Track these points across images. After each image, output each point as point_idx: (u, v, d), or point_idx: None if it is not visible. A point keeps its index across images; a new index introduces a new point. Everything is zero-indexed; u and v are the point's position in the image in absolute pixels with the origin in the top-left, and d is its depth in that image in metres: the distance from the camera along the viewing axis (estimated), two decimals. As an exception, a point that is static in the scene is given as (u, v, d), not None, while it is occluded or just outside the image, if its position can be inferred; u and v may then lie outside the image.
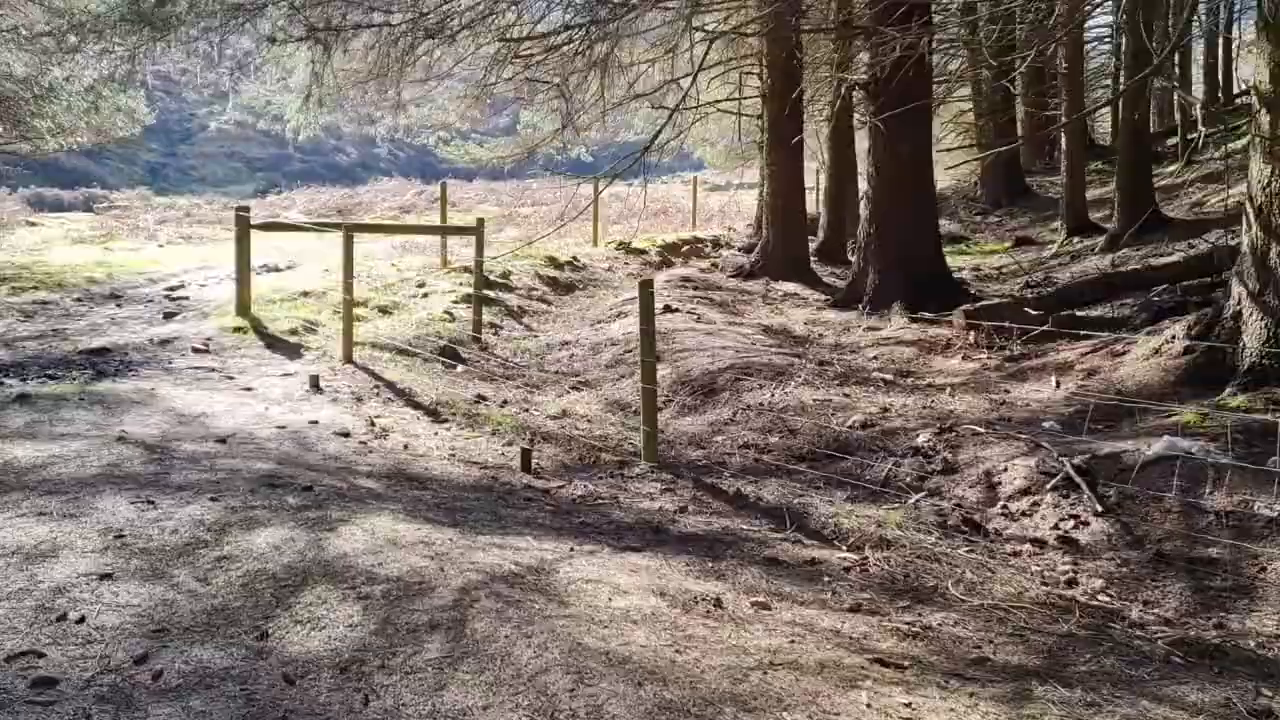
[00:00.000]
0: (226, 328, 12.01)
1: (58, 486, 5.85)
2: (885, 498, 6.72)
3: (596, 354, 11.79)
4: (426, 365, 11.01)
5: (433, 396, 9.51)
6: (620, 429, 8.85)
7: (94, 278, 15.24)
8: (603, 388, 10.46)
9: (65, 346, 10.86)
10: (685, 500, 6.67)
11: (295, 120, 17.83)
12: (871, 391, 9.16)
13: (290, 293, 14.29)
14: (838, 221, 20.19)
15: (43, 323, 12.25)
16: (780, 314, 14.20)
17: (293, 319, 12.56)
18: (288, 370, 10.23)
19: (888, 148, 12.81)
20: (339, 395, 9.16)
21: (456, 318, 13.60)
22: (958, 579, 5.11)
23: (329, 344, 11.44)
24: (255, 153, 65.69)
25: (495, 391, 10.22)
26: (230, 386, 9.43)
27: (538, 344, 12.93)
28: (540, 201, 37.04)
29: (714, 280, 16.83)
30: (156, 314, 13.08)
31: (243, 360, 10.72)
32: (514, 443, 8.11)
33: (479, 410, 9.25)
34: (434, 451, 7.60)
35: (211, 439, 7.38)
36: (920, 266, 13.03)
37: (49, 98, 15.54)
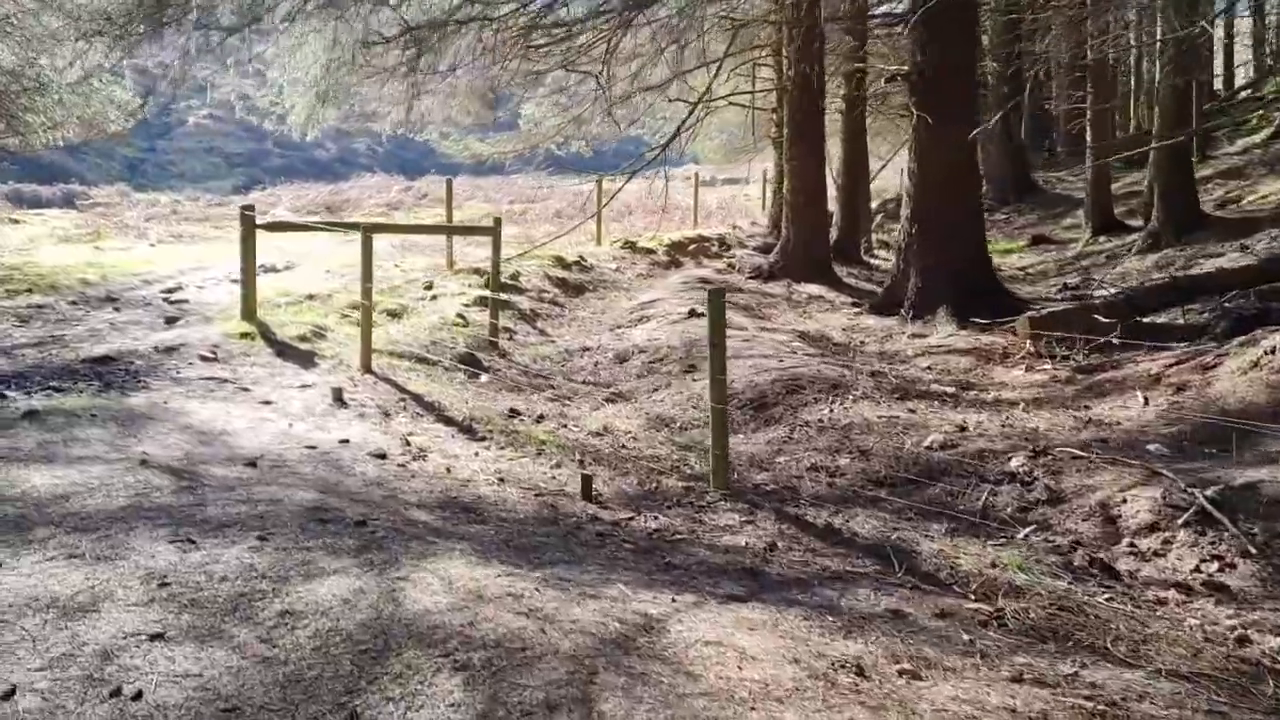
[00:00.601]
0: (233, 334, 11.37)
1: (86, 522, 5.25)
2: (988, 531, 6.17)
3: (623, 362, 11.21)
4: (448, 374, 10.40)
5: (464, 411, 8.92)
6: (672, 449, 8.28)
7: (88, 279, 14.55)
8: (638, 400, 9.88)
9: (67, 355, 10.21)
10: (770, 535, 6.11)
11: (299, 117, 17.15)
12: (937, 407, 8.63)
13: (295, 296, 13.65)
14: (852, 219, 19.67)
15: (40, 328, 11.58)
16: (811, 319, 13.66)
17: (301, 324, 11.93)
18: (305, 381, 9.61)
19: (931, 143, 12.24)
20: (365, 410, 8.56)
21: (470, 322, 13.00)
22: (1113, 635, 4.57)
23: (343, 351, 10.83)
24: (233, 148, 64.74)
25: (526, 404, 9.63)
26: (247, 399, 8.82)
27: (556, 350, 12.35)
28: (529, 198, 36.42)
29: (733, 282, 16.27)
30: (157, 318, 12.43)
31: (254, 370, 10.10)
32: (562, 464, 7.52)
33: (516, 426, 8.66)
34: (479, 475, 7.01)
35: (239, 461, 6.77)
36: (966, 269, 12.50)
37: (40, 91, 14.80)
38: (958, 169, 12.50)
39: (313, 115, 17.25)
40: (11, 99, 14.28)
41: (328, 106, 16.71)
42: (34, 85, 14.73)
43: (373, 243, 10.03)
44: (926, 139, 12.24)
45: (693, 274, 16.82)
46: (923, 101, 11.73)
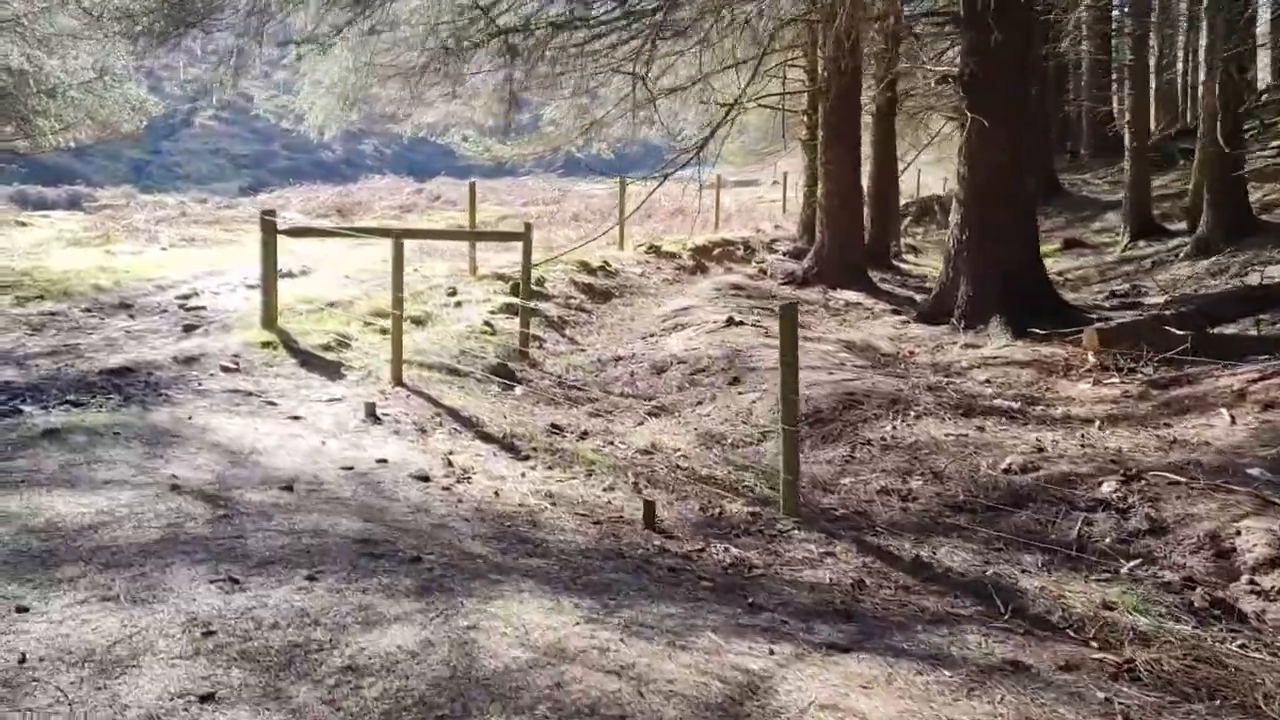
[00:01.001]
0: (253, 343, 10.96)
1: (118, 557, 4.83)
2: (1088, 565, 5.74)
3: (661, 373, 10.78)
4: (481, 386, 9.99)
5: (503, 427, 8.50)
6: (727, 468, 7.84)
7: (100, 285, 14.16)
8: (682, 414, 9.45)
9: (82, 365, 9.80)
10: (854, 569, 5.68)
11: (318, 118, 16.73)
12: (1005, 424, 8.19)
13: (315, 303, 13.23)
14: (883, 223, 19.22)
15: (53, 337, 11.18)
16: (853, 328, 13.23)
17: (323, 333, 11.52)
18: (333, 394, 9.20)
19: (982, 145, 11.79)
20: (400, 426, 8.14)
21: (498, 330, 12.59)
22: (1263, 692, 4.13)
23: (370, 362, 10.42)
24: (240, 149, 64.42)
25: (566, 418, 9.21)
26: (274, 414, 8.40)
27: (588, 360, 11.92)
28: (542, 201, 36.03)
29: (766, 288, 15.84)
30: (174, 326, 12.02)
31: (279, 381, 9.69)
32: (615, 486, 7.10)
33: (560, 444, 8.24)
34: (530, 499, 6.58)
35: (274, 484, 6.35)
36: (1019, 276, 12.05)
37: (50, 93, 14.39)
38: (1009, 172, 12.06)
39: (331, 116, 16.81)
40: (22, 101, 13.86)
41: (348, 108, 16.26)
42: (45, 87, 14.30)
43: (403, 250, 9.60)
44: (977, 142, 11.79)
45: (723, 279, 16.39)
46: (975, 103, 11.27)
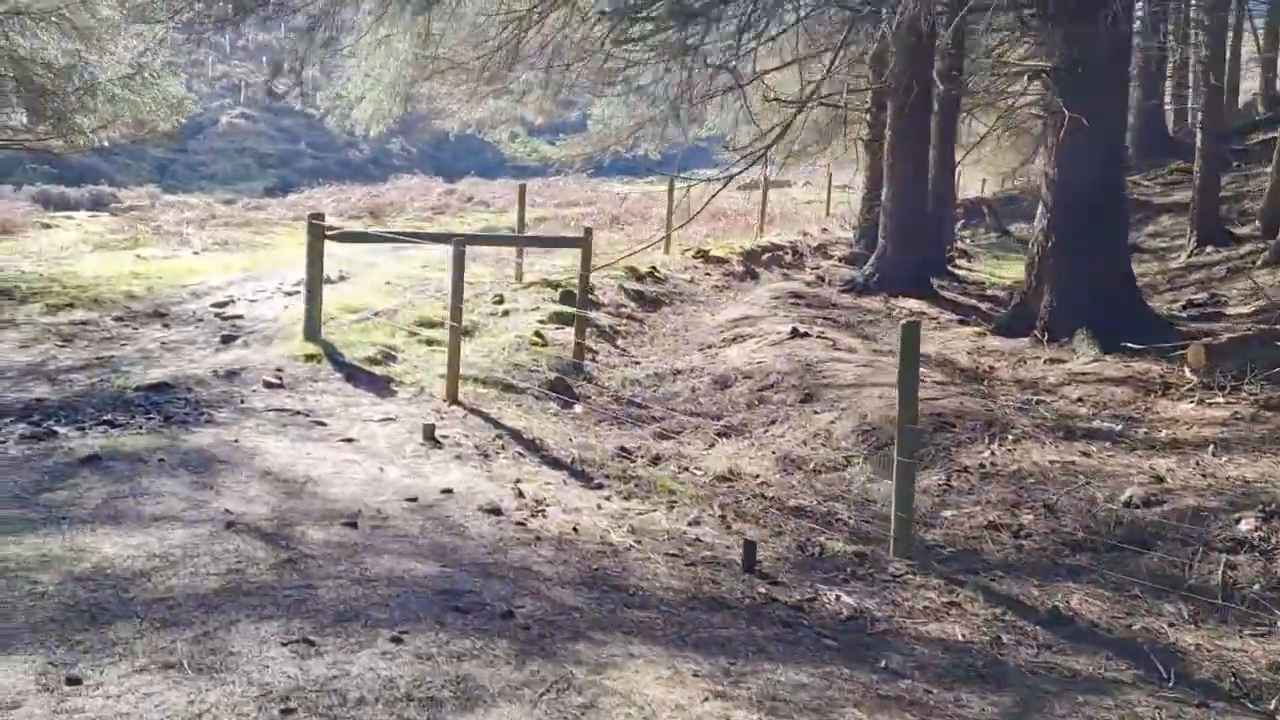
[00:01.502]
0: (296, 355, 10.54)
1: (176, 612, 4.38)
2: (1238, 617, 5.24)
3: (725, 389, 10.29)
4: (540, 404, 9.52)
5: (569, 450, 8.03)
6: (815, 497, 7.34)
7: (132, 292, 13.78)
8: (754, 434, 8.96)
9: (118, 381, 9.39)
10: (985, 622, 5.17)
11: (365, 113, 16.30)
12: (1111, 449, 7.68)
13: (357, 311, 12.80)
14: (939, 228, 18.63)
15: (85, 348, 10.79)
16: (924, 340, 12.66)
17: (369, 344, 11.09)
18: (385, 412, 8.75)
19: (1075, 145, 11.19)
20: (461, 450, 7.68)
21: (549, 341, 12.12)
22: None
23: (421, 377, 9.98)
24: (265, 148, 64.16)
25: (633, 440, 8.74)
26: (325, 436, 7.96)
27: (645, 373, 11.44)
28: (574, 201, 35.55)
29: (825, 296, 15.30)
30: (211, 337, 11.62)
31: (325, 398, 9.25)
32: (700, 520, 6.61)
33: (632, 469, 7.77)
34: (612, 536, 6.10)
35: (336, 519, 5.90)
36: (1108, 287, 11.46)
37: (90, 90, 13.96)
38: (1104, 174, 11.48)
39: (380, 111, 16.38)
40: (60, 97, 13.42)
41: (399, 103, 15.82)
42: (86, 84, 13.85)
43: (465, 256, 9.14)
44: (1070, 141, 11.19)
45: (780, 287, 15.86)
46: (1071, 98, 10.67)
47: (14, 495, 6.02)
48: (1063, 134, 10.85)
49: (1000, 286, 18.00)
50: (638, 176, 56.18)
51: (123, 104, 14.81)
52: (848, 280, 16.61)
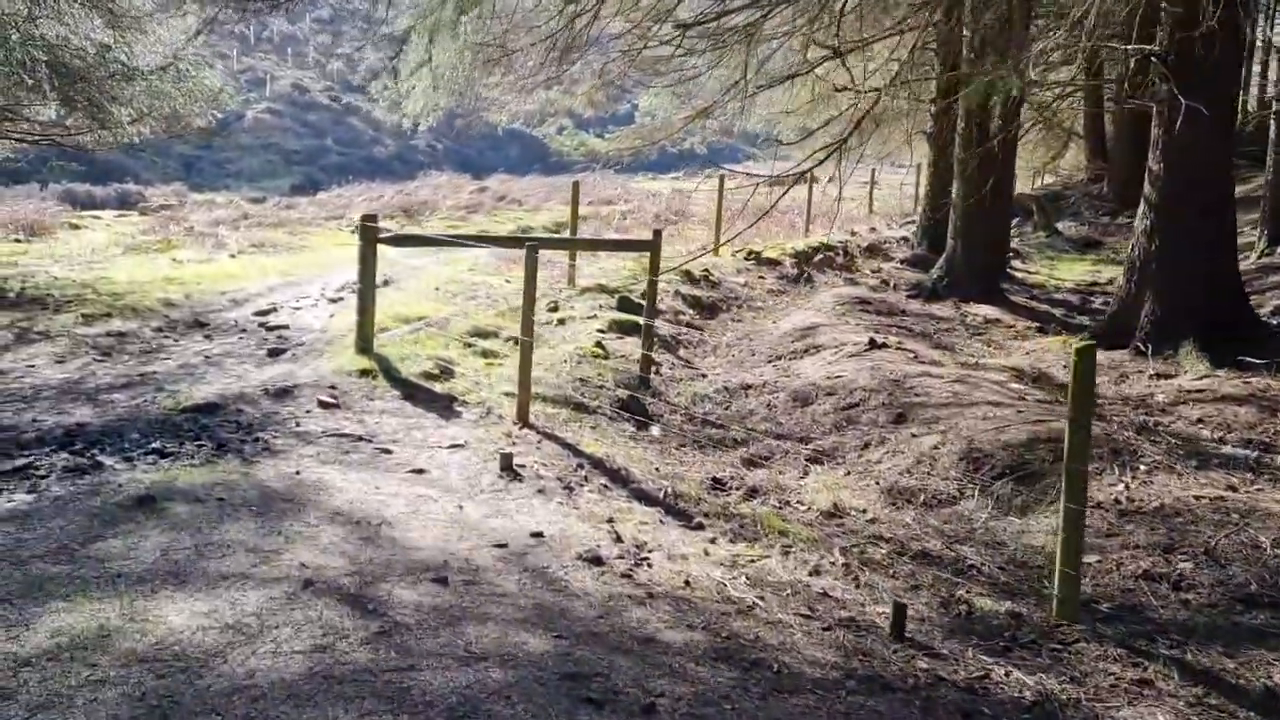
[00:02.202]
0: (349, 371, 9.89)
1: (261, 708, 3.70)
2: None
3: (805, 406, 9.58)
4: (614, 426, 8.84)
5: (657, 481, 7.35)
6: (937, 538, 6.63)
7: (170, 299, 13.16)
8: (848, 459, 8.26)
9: (163, 400, 8.75)
10: (1188, 705, 4.48)
11: (415, 105, 15.62)
12: (1256, 481, 6.91)
13: (407, 320, 12.14)
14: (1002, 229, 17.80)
15: (124, 363, 10.17)
16: (1000, 348, 11.94)
17: (423, 358, 10.44)
18: (452, 437, 8.09)
19: (1183, 138, 10.37)
20: (543, 483, 7.00)
21: (610, 353, 11.44)
22: None
23: (484, 395, 9.33)
24: (292, 144, 63.65)
25: (720, 466, 8.05)
26: (391, 466, 7.30)
27: (714, 388, 10.74)
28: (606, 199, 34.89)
29: (893, 302, 14.56)
30: (256, 349, 10.98)
31: (385, 420, 8.59)
32: (821, 567, 5.91)
33: (730, 504, 7.08)
34: (731, 589, 5.42)
35: (422, 574, 5.23)
36: (1217, 293, 10.66)
37: (128, 77, 13.20)
38: (1216, 170, 10.67)
39: (430, 102, 15.70)
40: (97, 85, 12.69)
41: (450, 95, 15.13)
42: (123, 70, 13.11)
43: (537, 262, 8.45)
44: (1182, 133, 10.35)
45: (844, 292, 15.11)
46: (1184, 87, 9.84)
47: (61, 546, 5.37)
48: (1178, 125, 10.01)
49: (1065, 289, 17.21)
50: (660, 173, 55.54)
51: (160, 95, 14.07)
52: (914, 284, 15.83)
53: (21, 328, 11.11)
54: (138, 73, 13.05)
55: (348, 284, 15.08)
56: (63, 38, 12.41)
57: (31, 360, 10.08)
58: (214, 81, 16.41)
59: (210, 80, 16.08)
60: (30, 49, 11.15)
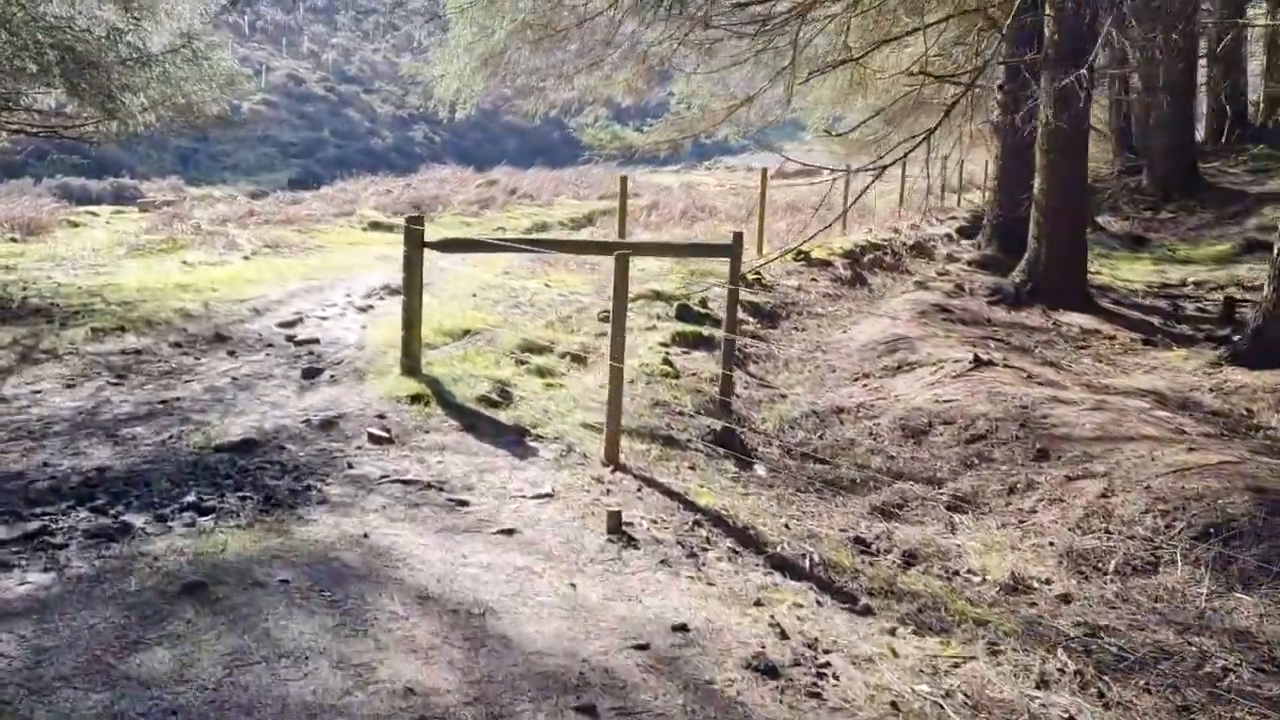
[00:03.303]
0: (398, 396, 8.66)
1: None
2: None
3: (917, 437, 8.38)
4: (713, 465, 7.64)
5: (792, 543, 6.15)
6: (1167, 628, 5.40)
7: (186, 309, 11.87)
8: (991, 505, 7.05)
9: (192, 436, 7.52)
10: None
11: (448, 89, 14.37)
12: None
13: (448, 333, 10.89)
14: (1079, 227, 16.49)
15: (143, 387, 8.92)
16: (1111, 364, 10.73)
17: (478, 379, 9.22)
18: (535, 483, 6.88)
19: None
20: (662, 549, 5.80)
21: (680, 370, 10.23)
22: None
23: (559, 427, 8.11)
24: (288, 136, 62.19)
25: (853, 519, 6.80)
26: (474, 524, 6.09)
27: (800, 412, 9.56)
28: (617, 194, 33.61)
29: (974, 309, 13.33)
30: (289, 369, 9.74)
31: (449, 457, 7.38)
32: (1048, 679, 4.73)
33: (890, 576, 5.82)
34: (948, 716, 4.15)
35: (561, 699, 4.07)
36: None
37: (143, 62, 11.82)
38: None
39: (465, 86, 14.46)
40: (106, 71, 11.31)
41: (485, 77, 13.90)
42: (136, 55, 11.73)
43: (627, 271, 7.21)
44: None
45: (917, 298, 13.87)
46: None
47: (93, 658, 4.17)
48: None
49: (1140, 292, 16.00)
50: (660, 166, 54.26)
51: (174, 81, 12.69)
52: (993, 289, 14.54)
53: (26, 345, 9.85)
54: (151, 57, 11.65)
55: (374, 289, 13.86)
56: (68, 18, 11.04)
57: (38, 385, 8.83)
58: (227, 64, 15.04)
59: (225, 63, 14.72)
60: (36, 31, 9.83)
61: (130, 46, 11.82)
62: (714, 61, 15.34)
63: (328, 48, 76.57)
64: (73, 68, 10.53)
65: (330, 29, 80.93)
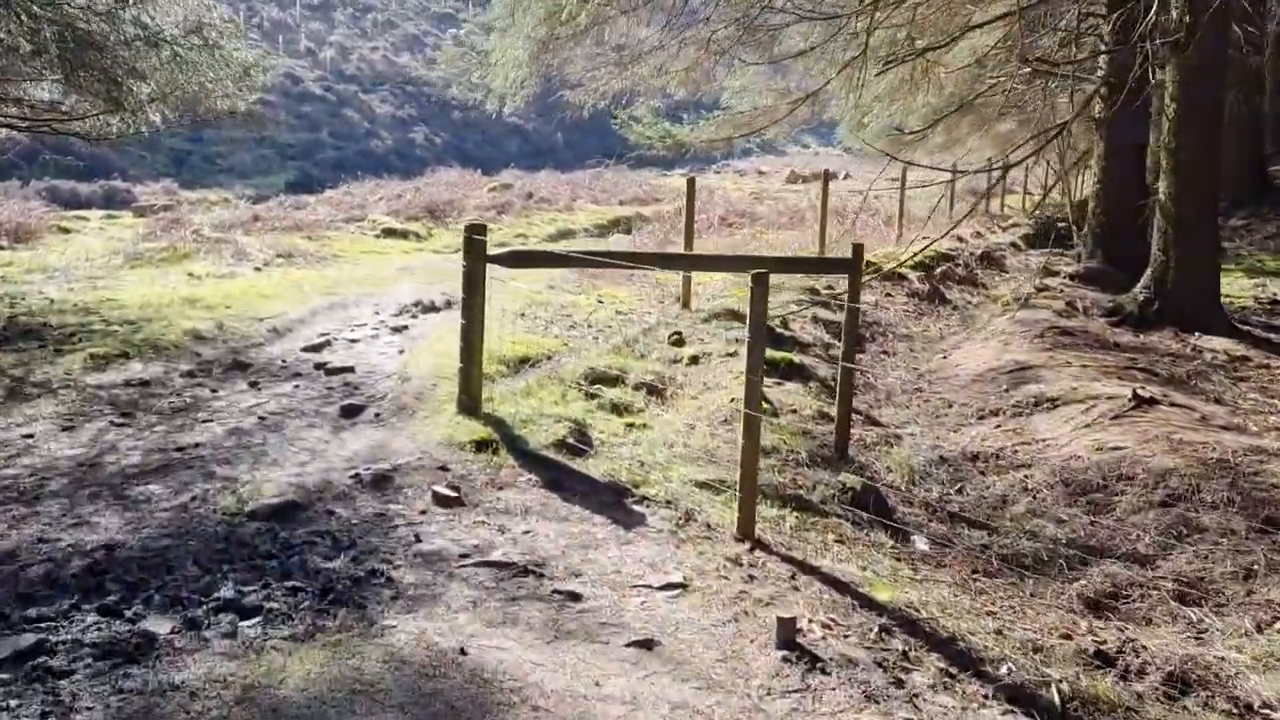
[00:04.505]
0: (459, 441, 7.32)
1: None
2: None
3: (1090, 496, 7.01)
4: (862, 534, 6.24)
5: (1015, 657, 4.71)
6: None
7: (198, 330, 10.52)
8: (1227, 595, 5.66)
9: (219, 497, 6.17)
10: None
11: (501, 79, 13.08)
12: None
13: (503, 360, 9.51)
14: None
15: (154, 428, 7.57)
16: None
17: (547, 418, 7.86)
18: (655, 564, 5.57)
19: None
20: (857, 671, 4.47)
21: (779, 406, 8.85)
22: None
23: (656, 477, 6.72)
24: (286, 137, 60.82)
25: (1073, 619, 5.42)
26: (595, 627, 4.80)
27: (923, 457, 8.24)
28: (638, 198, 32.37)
29: (1095, 331, 11.95)
30: (323, 404, 8.40)
31: (537, 525, 6.05)
32: None
33: (1161, 715, 4.41)
34: None
35: None
36: None
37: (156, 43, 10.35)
38: None
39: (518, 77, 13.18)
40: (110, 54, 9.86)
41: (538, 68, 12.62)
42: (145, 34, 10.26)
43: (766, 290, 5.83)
44: None
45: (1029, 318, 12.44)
46: None
47: None
48: None
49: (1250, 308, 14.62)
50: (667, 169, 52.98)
51: (188, 68, 11.23)
52: (1111, 308, 13.10)
53: (14, 377, 8.48)
54: (161, 38, 10.18)
55: (405, 306, 12.52)
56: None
57: (30, 427, 7.47)
58: (244, 52, 13.60)
59: (239, 51, 13.28)
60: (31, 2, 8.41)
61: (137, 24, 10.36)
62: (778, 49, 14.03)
63: (325, 46, 75.29)
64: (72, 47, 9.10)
65: (328, 26, 79.68)
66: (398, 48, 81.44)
